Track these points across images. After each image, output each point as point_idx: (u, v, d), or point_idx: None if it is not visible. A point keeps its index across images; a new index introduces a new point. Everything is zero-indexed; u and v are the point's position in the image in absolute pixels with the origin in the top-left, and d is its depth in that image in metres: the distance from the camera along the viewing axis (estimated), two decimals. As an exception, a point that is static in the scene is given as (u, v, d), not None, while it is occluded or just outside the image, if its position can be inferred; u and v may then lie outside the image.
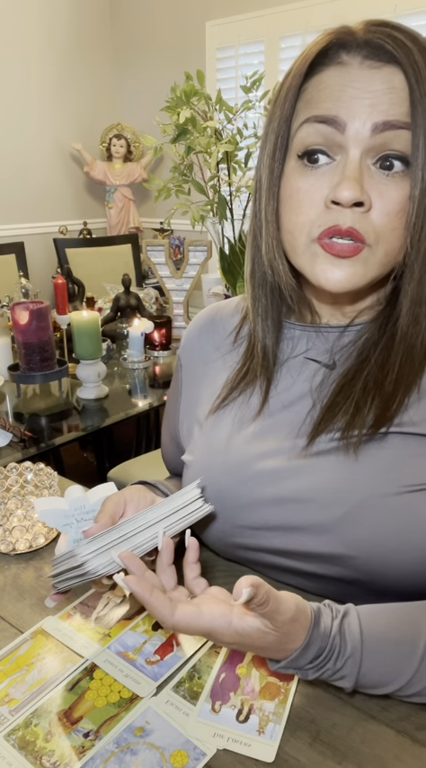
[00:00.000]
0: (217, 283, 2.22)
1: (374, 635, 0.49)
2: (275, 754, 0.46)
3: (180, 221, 2.29)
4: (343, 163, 0.53)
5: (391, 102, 0.51)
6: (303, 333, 0.65)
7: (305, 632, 0.47)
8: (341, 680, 0.49)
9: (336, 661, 0.48)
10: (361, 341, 0.61)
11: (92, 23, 3.58)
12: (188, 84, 1.76)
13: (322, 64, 0.55)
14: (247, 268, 0.66)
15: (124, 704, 0.51)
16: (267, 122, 0.59)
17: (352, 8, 2.62)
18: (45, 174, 3.49)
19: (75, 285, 2.26)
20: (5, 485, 0.82)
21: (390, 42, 0.52)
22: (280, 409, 0.63)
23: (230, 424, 0.65)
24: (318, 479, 0.58)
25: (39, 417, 1.46)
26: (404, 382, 0.57)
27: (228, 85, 3.23)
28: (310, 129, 0.54)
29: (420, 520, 0.54)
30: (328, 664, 0.48)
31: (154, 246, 2.08)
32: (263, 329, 0.66)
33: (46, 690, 0.53)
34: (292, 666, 0.48)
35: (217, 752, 0.47)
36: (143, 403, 1.60)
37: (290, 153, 0.57)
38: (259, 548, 0.62)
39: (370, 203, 0.53)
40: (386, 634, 0.50)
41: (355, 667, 0.48)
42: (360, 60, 0.53)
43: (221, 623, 0.45)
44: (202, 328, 0.75)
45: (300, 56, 0.57)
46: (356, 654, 0.48)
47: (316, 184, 0.55)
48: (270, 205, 0.59)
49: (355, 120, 0.52)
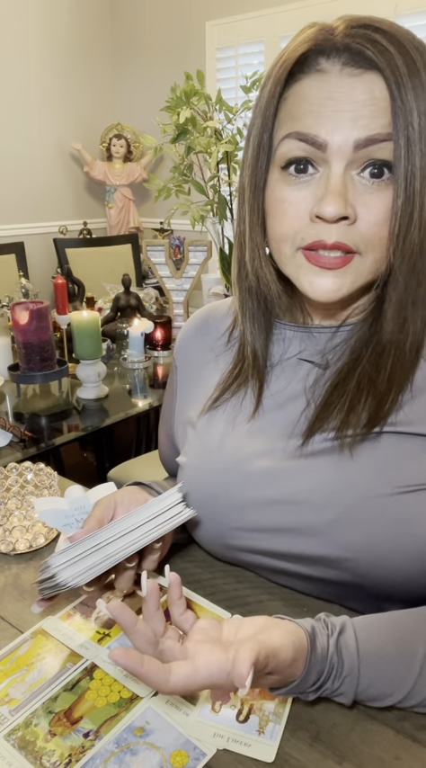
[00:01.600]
0: (217, 283, 2.22)
1: (371, 651, 0.49)
2: (275, 754, 0.46)
3: (180, 221, 2.29)
4: (327, 176, 0.52)
5: (372, 116, 0.50)
6: (295, 334, 0.65)
7: (303, 662, 0.47)
8: (340, 696, 0.49)
9: (334, 681, 0.48)
10: (353, 340, 0.61)
11: (92, 23, 3.58)
12: (188, 85, 1.76)
13: (300, 71, 0.54)
14: (234, 272, 0.65)
15: (124, 704, 0.51)
16: (249, 128, 0.58)
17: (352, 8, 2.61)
18: (45, 173, 3.49)
19: (75, 285, 2.26)
20: (5, 485, 0.82)
21: (370, 48, 0.50)
22: (274, 409, 0.63)
23: (223, 425, 0.65)
24: (311, 481, 0.58)
25: (39, 417, 1.46)
26: (397, 380, 0.57)
27: (228, 85, 3.23)
28: (291, 145, 0.53)
29: (414, 520, 0.54)
30: (327, 684, 0.48)
31: (154, 246, 2.08)
32: (252, 332, 0.65)
33: (46, 690, 0.53)
34: (293, 693, 0.48)
35: (217, 752, 0.47)
36: (143, 403, 1.60)
37: (273, 164, 0.56)
38: (254, 550, 0.62)
39: (355, 215, 0.52)
40: (383, 649, 0.50)
41: (353, 685, 0.48)
42: (340, 68, 0.52)
43: (220, 676, 0.43)
44: (197, 330, 0.75)
45: (278, 60, 0.55)
46: (353, 672, 0.48)
47: (300, 196, 0.54)
48: (255, 215, 0.58)
49: (336, 137, 0.51)
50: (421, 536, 0.54)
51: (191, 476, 0.65)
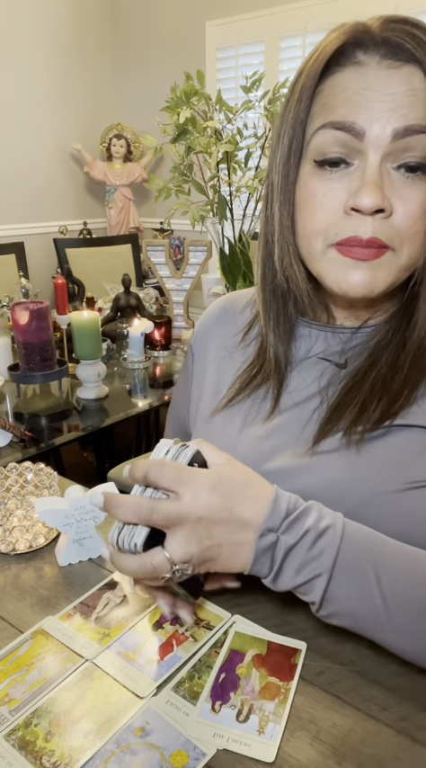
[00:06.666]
0: (217, 283, 2.22)
1: (357, 526, 0.50)
2: (275, 754, 0.46)
3: (180, 221, 2.29)
4: (363, 168, 0.52)
5: (411, 106, 0.50)
6: (320, 333, 0.64)
7: (271, 486, 0.49)
8: (318, 560, 0.48)
9: (317, 522, 0.48)
10: (373, 341, 0.61)
11: (92, 23, 3.57)
12: (188, 84, 1.75)
13: (337, 64, 0.53)
14: (258, 272, 0.64)
15: (124, 704, 0.51)
16: (279, 123, 0.57)
17: (352, 8, 2.62)
18: (45, 174, 3.49)
19: (75, 285, 2.26)
20: (5, 485, 0.82)
21: (410, 41, 0.50)
22: (290, 407, 0.63)
23: (240, 424, 0.65)
24: (321, 478, 0.58)
25: (39, 417, 1.46)
26: (412, 381, 0.57)
27: (228, 85, 3.23)
28: (327, 136, 0.53)
29: (423, 516, 0.54)
30: (307, 521, 0.48)
31: (154, 246, 2.08)
32: (275, 334, 0.65)
33: (46, 690, 0.53)
34: (270, 526, 0.47)
35: (217, 752, 0.47)
36: (143, 403, 1.60)
37: (306, 157, 0.55)
38: None
39: (391, 209, 0.52)
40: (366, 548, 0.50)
41: (334, 545, 0.48)
42: (378, 60, 0.51)
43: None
44: (216, 320, 0.75)
45: (313, 54, 0.55)
46: (337, 524, 0.48)
47: (334, 188, 0.53)
48: (286, 210, 0.58)
49: (374, 126, 0.51)
50: None
51: None
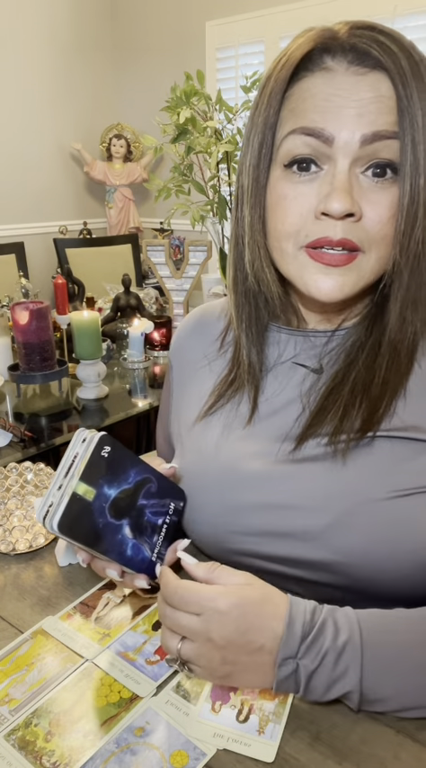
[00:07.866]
0: (217, 283, 2.22)
1: (373, 626, 0.49)
2: (275, 754, 0.46)
3: (180, 221, 2.29)
4: (332, 173, 0.52)
5: (379, 112, 0.51)
6: (290, 337, 0.65)
7: (284, 603, 0.49)
8: (344, 679, 0.47)
9: (334, 639, 0.47)
10: (349, 343, 0.61)
11: (92, 23, 3.58)
12: (188, 85, 1.75)
13: (305, 69, 0.54)
14: (230, 275, 0.64)
15: (124, 704, 0.51)
16: (248, 128, 0.58)
17: (352, 9, 2.62)
18: (45, 174, 3.49)
19: (75, 285, 2.26)
20: (5, 485, 0.83)
21: (376, 48, 0.51)
22: (269, 414, 0.63)
23: (219, 431, 0.65)
24: (305, 485, 0.58)
25: (39, 417, 1.46)
26: (391, 385, 0.57)
27: (228, 85, 3.23)
28: (297, 141, 0.53)
29: (410, 524, 0.54)
30: (325, 642, 0.47)
31: (154, 246, 2.08)
32: (248, 337, 0.65)
33: (46, 690, 0.53)
34: (287, 654, 0.47)
35: (217, 752, 0.47)
36: (143, 403, 1.60)
37: (276, 161, 0.56)
38: (251, 553, 0.61)
39: (361, 213, 0.52)
40: (389, 634, 0.49)
41: (357, 662, 0.46)
42: (346, 66, 0.52)
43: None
44: (192, 331, 0.75)
45: (281, 59, 0.55)
46: (355, 637, 0.47)
47: (304, 192, 0.54)
48: (256, 213, 0.58)
49: (343, 132, 0.51)
50: (418, 539, 0.53)
51: (188, 481, 0.65)
